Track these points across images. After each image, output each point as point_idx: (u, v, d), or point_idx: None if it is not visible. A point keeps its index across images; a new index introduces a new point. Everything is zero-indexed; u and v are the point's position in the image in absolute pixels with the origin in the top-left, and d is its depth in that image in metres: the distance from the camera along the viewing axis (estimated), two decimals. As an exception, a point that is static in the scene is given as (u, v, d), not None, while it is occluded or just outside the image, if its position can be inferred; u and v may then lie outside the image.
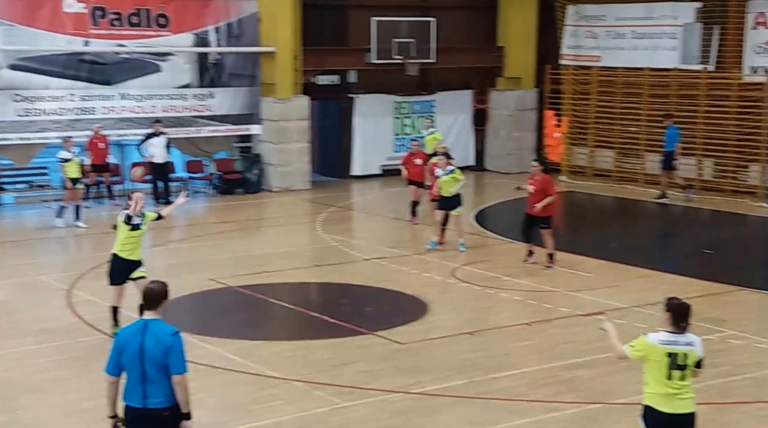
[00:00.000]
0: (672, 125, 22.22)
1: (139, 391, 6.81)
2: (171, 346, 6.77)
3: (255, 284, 14.89)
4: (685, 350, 7.10)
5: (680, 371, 7.10)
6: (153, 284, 7.05)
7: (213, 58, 23.95)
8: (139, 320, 6.98)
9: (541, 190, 15.61)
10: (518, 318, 13.14)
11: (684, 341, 7.13)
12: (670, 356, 7.08)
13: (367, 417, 9.56)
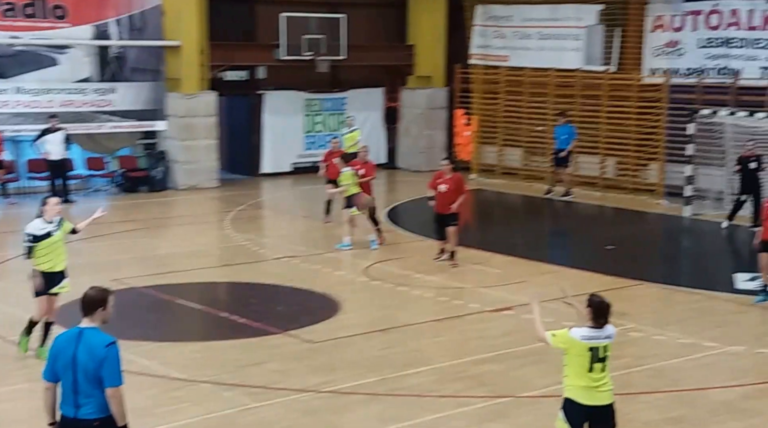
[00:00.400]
0: (566, 123, 22.57)
1: (71, 401, 6.55)
2: (104, 358, 6.44)
3: (160, 284, 14.56)
4: (605, 343, 7.35)
5: (601, 363, 7.33)
6: (91, 290, 6.68)
7: (114, 51, 23.40)
8: (75, 327, 6.61)
9: (455, 188, 15.61)
10: (429, 315, 13.15)
11: (604, 335, 7.37)
12: (591, 350, 7.29)
13: (277, 417, 9.46)
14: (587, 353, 7.28)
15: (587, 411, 7.34)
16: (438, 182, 15.79)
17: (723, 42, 21.64)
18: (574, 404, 7.37)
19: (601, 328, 7.37)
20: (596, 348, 7.31)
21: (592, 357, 7.29)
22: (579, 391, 7.36)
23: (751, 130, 19.81)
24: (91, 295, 6.58)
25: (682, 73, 22.25)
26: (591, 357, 7.29)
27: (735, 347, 11.64)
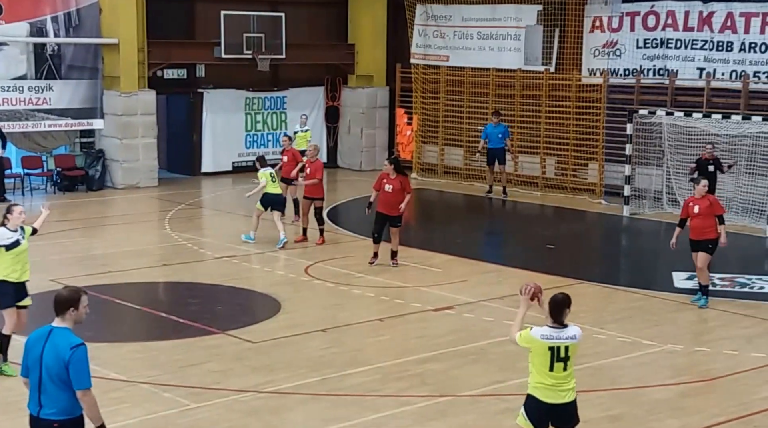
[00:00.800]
0: (500, 122, 22.79)
1: (35, 399, 6.54)
2: (69, 360, 6.38)
3: (98, 284, 14.34)
4: (566, 343, 7.37)
5: (562, 363, 7.36)
6: (64, 289, 6.65)
7: (51, 48, 23.01)
8: (48, 326, 6.58)
9: (401, 189, 15.48)
10: (371, 315, 13.16)
11: (565, 335, 7.39)
12: (551, 350, 7.34)
13: (217, 417, 9.41)
14: (547, 352, 7.34)
15: (548, 409, 7.43)
16: (383, 183, 15.61)
17: (660, 43, 22.01)
18: (536, 401, 7.46)
19: (562, 328, 7.40)
20: (556, 347, 7.35)
21: (552, 357, 7.33)
22: (540, 389, 7.44)
23: (688, 130, 20.18)
24: (63, 295, 6.54)
25: (621, 73, 22.57)
26: (551, 356, 7.34)
27: (673, 345, 11.84)
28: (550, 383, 7.42)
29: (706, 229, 13.38)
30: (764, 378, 10.75)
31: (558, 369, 7.38)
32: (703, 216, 13.38)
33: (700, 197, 13.51)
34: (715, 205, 13.60)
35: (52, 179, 23.57)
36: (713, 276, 14.96)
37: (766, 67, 20.33)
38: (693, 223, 13.47)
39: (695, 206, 13.47)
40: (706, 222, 13.37)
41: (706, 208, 13.41)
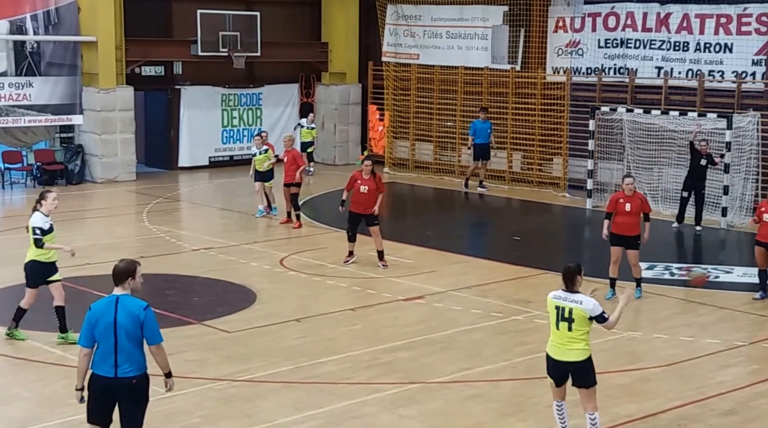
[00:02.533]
0: (486, 119, 23.16)
1: (111, 361, 7.35)
2: (144, 319, 7.39)
3: (77, 276, 14.57)
4: (570, 306, 8.18)
5: (566, 323, 8.15)
6: (121, 262, 7.62)
7: (30, 46, 23.18)
8: (111, 295, 7.51)
9: (376, 188, 15.39)
10: (343, 305, 13.43)
11: (572, 298, 8.22)
12: (557, 309, 8.24)
13: (192, 405, 9.58)
14: (554, 310, 8.25)
15: (554, 364, 8.36)
16: (357, 184, 15.39)
17: (620, 43, 22.45)
18: (547, 356, 8.43)
19: (571, 292, 8.23)
20: (561, 308, 8.19)
21: (558, 316, 8.18)
22: (550, 346, 8.38)
23: (647, 126, 20.64)
24: (121, 267, 7.57)
25: (583, 71, 22.99)
26: (557, 315, 8.20)
27: (632, 332, 12.17)
28: (557, 341, 8.25)
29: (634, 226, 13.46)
30: (720, 364, 11.08)
31: (563, 328, 8.16)
32: (633, 214, 13.42)
33: (630, 194, 13.48)
34: (645, 203, 13.70)
35: (32, 173, 23.77)
36: (672, 266, 15.47)
37: (720, 66, 20.83)
38: (621, 220, 13.45)
39: (627, 204, 13.44)
40: (635, 219, 13.41)
41: (637, 206, 13.48)
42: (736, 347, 11.72)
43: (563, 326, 8.15)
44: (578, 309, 8.13)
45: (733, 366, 11.04)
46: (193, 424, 9.16)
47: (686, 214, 18.99)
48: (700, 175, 18.80)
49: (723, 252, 17.91)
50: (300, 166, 18.61)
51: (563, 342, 8.19)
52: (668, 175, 20.55)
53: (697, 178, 18.78)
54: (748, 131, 19.50)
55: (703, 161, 18.71)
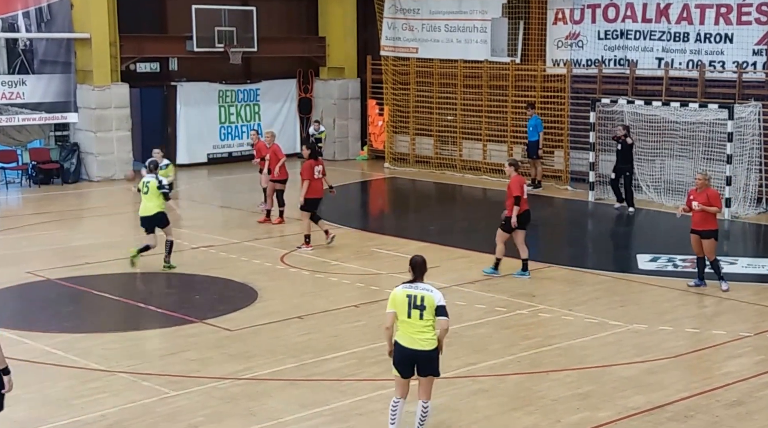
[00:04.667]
0: (535, 115, 22.84)
1: None
2: None
3: (76, 276, 14.53)
4: (422, 293, 8.29)
5: (418, 311, 8.25)
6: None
7: (23, 43, 23.06)
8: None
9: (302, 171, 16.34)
10: (346, 301, 13.36)
11: (422, 287, 8.34)
12: (408, 297, 8.29)
13: (196, 405, 9.53)
14: (405, 299, 8.29)
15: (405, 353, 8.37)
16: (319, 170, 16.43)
17: (620, 34, 22.37)
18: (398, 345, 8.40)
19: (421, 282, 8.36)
20: (412, 296, 8.27)
21: (409, 305, 8.26)
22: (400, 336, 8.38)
23: (648, 117, 20.58)
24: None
25: (583, 63, 22.92)
26: (408, 304, 8.27)
27: (638, 325, 12.13)
28: (407, 331, 8.29)
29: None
30: (725, 355, 11.07)
31: (414, 316, 8.25)
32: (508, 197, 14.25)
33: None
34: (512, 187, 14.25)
35: (28, 173, 23.65)
36: (676, 258, 15.40)
37: (721, 56, 20.76)
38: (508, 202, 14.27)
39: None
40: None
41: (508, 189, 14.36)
42: (741, 338, 11.67)
43: (415, 314, 8.24)
44: (429, 297, 8.24)
45: (738, 357, 11.00)
46: (196, 423, 9.09)
47: None
48: (621, 159, 19.54)
49: (727, 242, 17.82)
50: (280, 158, 18.45)
51: (414, 332, 8.28)
52: (670, 166, 20.49)
53: (621, 162, 19.57)
54: (749, 121, 19.46)
55: (619, 146, 19.43)
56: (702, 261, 13.78)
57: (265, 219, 18.57)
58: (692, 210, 13.60)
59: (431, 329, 8.29)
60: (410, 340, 8.29)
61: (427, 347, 8.29)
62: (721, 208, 13.88)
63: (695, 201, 13.56)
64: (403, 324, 8.30)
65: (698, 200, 13.54)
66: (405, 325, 8.30)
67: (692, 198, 13.67)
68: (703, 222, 13.57)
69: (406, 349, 8.31)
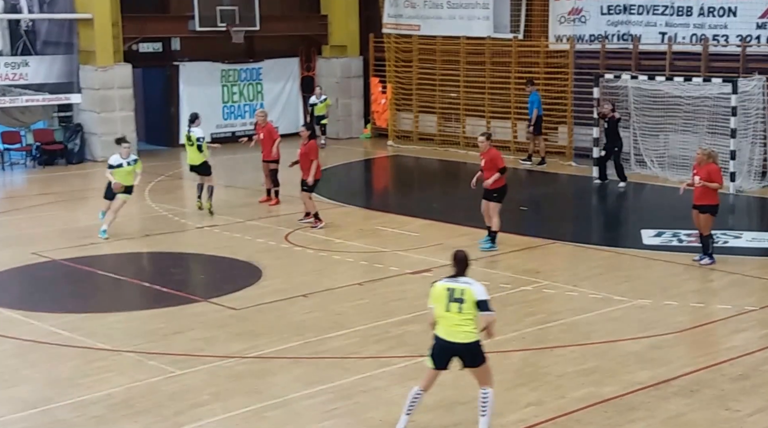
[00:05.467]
0: (535, 91, 22.74)
1: None
2: None
3: (81, 256, 14.57)
4: (462, 287, 8.20)
5: (457, 303, 8.15)
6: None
7: (25, 24, 23.01)
8: None
9: (305, 153, 16.11)
10: (350, 279, 13.40)
11: (463, 281, 8.25)
12: (448, 291, 8.20)
13: (202, 383, 9.57)
14: (445, 293, 8.20)
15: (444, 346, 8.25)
16: None
17: (623, 9, 22.23)
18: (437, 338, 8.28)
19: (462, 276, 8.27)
20: (452, 289, 8.20)
21: (449, 298, 8.17)
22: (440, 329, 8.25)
23: (652, 92, 20.49)
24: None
25: (586, 39, 22.80)
26: (448, 296, 8.17)
27: (642, 300, 12.14)
28: (447, 324, 8.18)
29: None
30: (730, 329, 11.08)
31: (453, 309, 8.16)
32: (486, 170, 14.47)
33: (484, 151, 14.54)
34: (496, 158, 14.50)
35: (32, 154, 23.69)
36: (680, 233, 15.39)
37: (724, 30, 20.64)
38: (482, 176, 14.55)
39: (482, 159, 14.59)
40: (489, 174, 14.42)
41: (488, 161, 14.49)
42: (746, 312, 11.68)
43: (453, 307, 8.15)
44: (469, 291, 8.18)
45: (744, 331, 11.01)
46: (203, 401, 9.13)
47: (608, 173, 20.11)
48: (611, 137, 19.57)
49: (732, 217, 17.80)
50: (275, 139, 18.37)
51: (453, 324, 8.18)
52: (674, 141, 20.42)
53: (608, 139, 19.62)
54: (753, 95, 19.38)
55: (604, 124, 19.51)
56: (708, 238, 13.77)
57: (266, 199, 18.58)
58: (694, 185, 13.58)
59: (471, 322, 8.18)
60: (449, 333, 8.19)
61: (467, 340, 8.19)
62: (722, 183, 13.85)
63: (697, 175, 13.55)
64: (442, 318, 8.21)
65: (699, 175, 13.51)
66: (444, 319, 8.20)
67: (695, 172, 13.67)
68: (703, 196, 13.57)
69: (446, 342, 8.22)
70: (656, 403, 8.94)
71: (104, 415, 8.85)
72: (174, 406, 9.00)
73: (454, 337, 8.17)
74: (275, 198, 18.42)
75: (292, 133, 27.27)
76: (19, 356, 10.54)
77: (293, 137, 26.78)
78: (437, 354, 8.28)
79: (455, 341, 8.17)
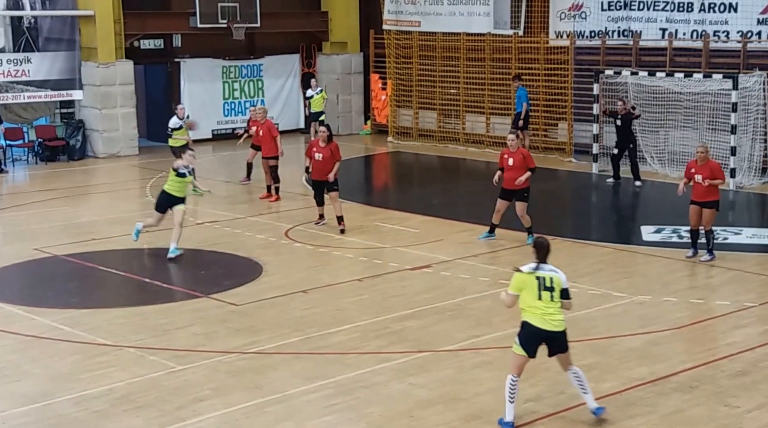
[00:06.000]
0: (521, 86, 22.83)
1: None
2: None
3: (83, 252, 14.60)
4: (550, 275, 8.42)
5: (548, 292, 8.37)
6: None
7: (27, 21, 23.06)
8: None
9: (330, 157, 15.56)
10: (350, 275, 13.39)
11: (549, 268, 8.46)
12: (538, 279, 8.39)
13: (202, 378, 9.59)
14: (535, 281, 8.39)
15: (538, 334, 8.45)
16: (313, 151, 15.67)
17: (623, 5, 22.24)
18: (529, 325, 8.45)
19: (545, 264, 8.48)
20: (542, 278, 8.39)
21: (539, 286, 8.38)
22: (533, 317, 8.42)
23: (652, 88, 20.50)
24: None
25: (587, 35, 22.81)
26: (538, 285, 8.38)
27: (642, 296, 12.15)
28: (539, 312, 8.36)
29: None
30: (729, 325, 11.08)
31: (546, 298, 8.37)
32: (516, 169, 14.56)
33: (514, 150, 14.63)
34: (528, 158, 14.70)
35: (34, 150, 23.75)
36: (680, 229, 15.40)
37: (725, 26, 20.65)
38: (506, 175, 14.68)
39: (509, 158, 14.61)
40: (518, 173, 14.56)
41: (520, 160, 14.56)
42: (746, 308, 11.69)
43: (546, 296, 8.33)
44: (557, 279, 8.39)
45: (743, 327, 11.02)
46: (203, 396, 9.15)
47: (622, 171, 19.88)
48: (622, 134, 19.29)
49: (732, 213, 17.81)
50: (275, 135, 18.36)
51: (545, 313, 8.35)
52: (674, 137, 20.43)
53: (621, 138, 19.33)
54: (754, 91, 19.38)
55: (618, 122, 19.25)
56: (696, 233, 13.80)
57: (267, 195, 18.59)
58: (696, 182, 13.58)
59: (561, 311, 8.41)
60: (543, 321, 8.36)
61: (560, 328, 8.40)
62: (725, 178, 13.88)
63: (698, 174, 13.55)
64: (534, 306, 8.36)
65: (702, 174, 13.51)
66: (536, 308, 8.36)
67: (694, 171, 13.65)
68: (708, 194, 13.59)
69: (540, 330, 8.38)
70: (655, 399, 8.95)
71: (105, 410, 8.88)
72: (175, 401, 9.02)
73: (547, 326, 8.37)
74: (275, 194, 18.45)
75: (293, 129, 27.52)
76: (20, 351, 10.57)
77: (293, 133, 27.02)
78: (528, 341, 8.43)
79: (549, 329, 8.37)
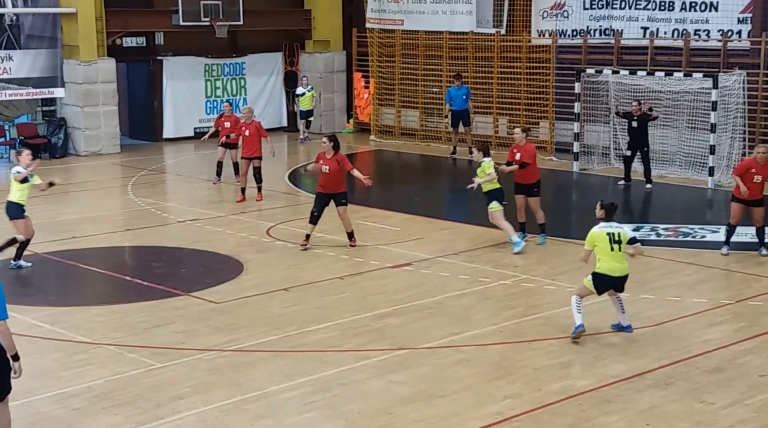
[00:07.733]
0: (462, 85, 23.08)
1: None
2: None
3: (63, 250, 14.59)
4: (618, 231, 10.48)
5: (618, 245, 10.41)
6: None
7: (9, 19, 22.96)
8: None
9: (338, 169, 14.40)
10: (331, 273, 13.43)
11: (616, 225, 10.56)
12: (609, 235, 10.42)
13: (182, 376, 9.62)
14: (606, 237, 10.41)
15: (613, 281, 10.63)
16: (320, 164, 14.49)
17: (605, 4, 22.36)
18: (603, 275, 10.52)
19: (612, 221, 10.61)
20: (612, 234, 10.44)
21: (611, 241, 10.42)
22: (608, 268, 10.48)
23: (633, 87, 20.62)
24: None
25: (568, 34, 22.93)
26: (609, 240, 10.41)
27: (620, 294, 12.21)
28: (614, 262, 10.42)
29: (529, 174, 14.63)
30: (705, 323, 11.18)
31: (617, 249, 10.41)
32: None
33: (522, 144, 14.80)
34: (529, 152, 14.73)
35: (15, 148, 23.61)
36: (658, 227, 15.51)
37: (705, 25, 20.80)
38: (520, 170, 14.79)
39: (517, 153, 14.68)
40: (530, 169, 14.65)
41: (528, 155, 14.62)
42: (722, 305, 11.80)
43: (616, 248, 10.34)
44: (624, 233, 10.44)
45: (719, 325, 11.13)
46: (182, 394, 9.17)
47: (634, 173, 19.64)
48: (636, 136, 19.02)
49: (710, 211, 17.94)
50: (264, 136, 18.20)
51: (617, 262, 10.38)
52: (654, 135, 20.51)
53: (635, 140, 19.05)
54: (734, 90, 19.51)
55: (634, 123, 18.97)
56: (734, 229, 14.01)
57: (243, 198, 18.14)
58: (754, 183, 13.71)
59: (625, 259, 10.46)
60: (615, 269, 10.42)
61: (625, 273, 10.53)
62: None
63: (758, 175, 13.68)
64: (607, 257, 10.37)
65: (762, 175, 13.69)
66: (609, 258, 10.37)
67: (754, 171, 13.72)
68: (760, 192, 13.80)
69: (610, 277, 10.46)
70: (631, 396, 9.03)
71: (85, 407, 8.89)
72: (154, 399, 9.04)
73: (617, 272, 10.44)
74: (258, 193, 18.40)
75: (276, 127, 27.51)
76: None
77: (276, 131, 27.01)
78: (601, 285, 10.51)
79: (618, 275, 10.45)
